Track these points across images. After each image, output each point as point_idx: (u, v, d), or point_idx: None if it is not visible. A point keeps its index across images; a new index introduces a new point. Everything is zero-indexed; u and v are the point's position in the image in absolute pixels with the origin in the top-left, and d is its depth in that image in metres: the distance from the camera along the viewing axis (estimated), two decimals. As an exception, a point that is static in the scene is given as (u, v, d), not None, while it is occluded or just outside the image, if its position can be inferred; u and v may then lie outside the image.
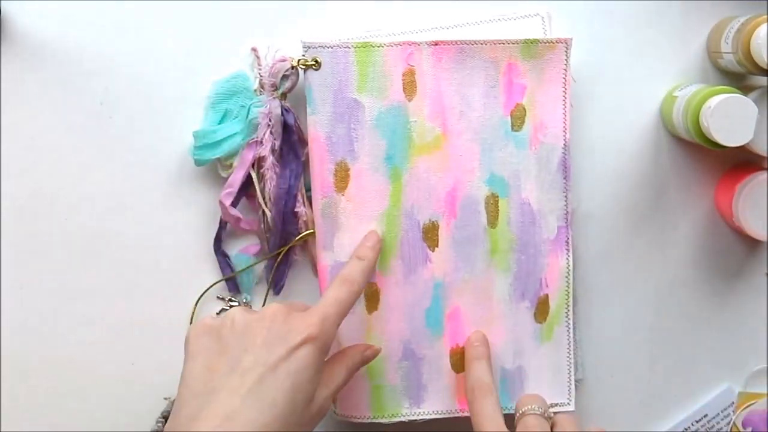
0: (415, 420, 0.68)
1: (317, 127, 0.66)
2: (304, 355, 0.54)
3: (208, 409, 0.51)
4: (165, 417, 0.63)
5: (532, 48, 0.66)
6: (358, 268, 0.62)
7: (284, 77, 0.66)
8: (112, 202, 0.69)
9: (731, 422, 0.72)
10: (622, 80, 0.70)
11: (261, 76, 0.67)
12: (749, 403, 0.72)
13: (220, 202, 0.67)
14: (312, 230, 0.68)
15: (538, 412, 0.60)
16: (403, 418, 0.68)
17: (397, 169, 0.66)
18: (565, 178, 0.67)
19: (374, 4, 0.68)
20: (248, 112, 0.66)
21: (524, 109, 0.67)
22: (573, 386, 0.68)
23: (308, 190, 0.68)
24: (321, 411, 0.57)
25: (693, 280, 0.72)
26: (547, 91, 0.67)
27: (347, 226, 0.66)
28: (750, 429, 0.72)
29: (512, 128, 0.67)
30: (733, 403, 0.72)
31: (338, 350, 0.63)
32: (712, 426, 0.72)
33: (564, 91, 0.67)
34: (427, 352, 0.68)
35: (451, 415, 0.68)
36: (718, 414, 0.72)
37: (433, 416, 0.68)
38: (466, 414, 0.67)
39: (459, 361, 0.68)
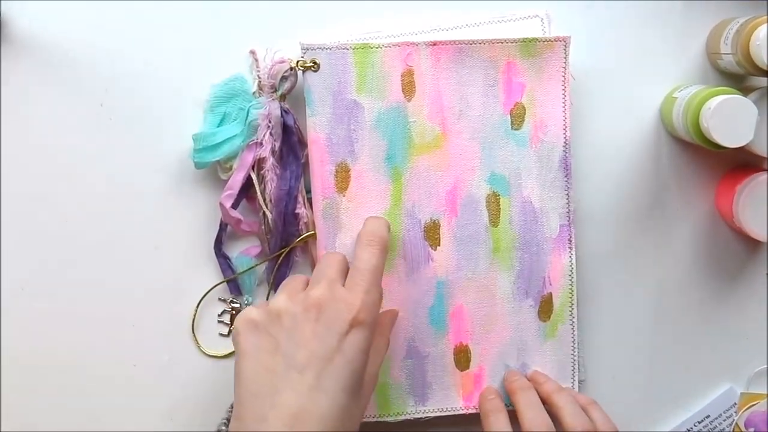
0: (420, 418, 0.68)
1: (317, 128, 0.66)
2: (356, 340, 0.55)
3: (275, 410, 0.52)
4: (226, 423, 0.62)
5: (530, 47, 0.66)
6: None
7: (283, 78, 0.66)
8: (113, 204, 0.69)
9: (733, 423, 0.72)
10: (621, 82, 0.70)
11: (260, 77, 0.67)
12: (751, 404, 0.72)
13: (221, 204, 0.67)
14: (312, 231, 0.68)
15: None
16: (408, 416, 0.68)
17: (397, 168, 0.66)
18: (566, 176, 0.67)
19: (373, 6, 0.68)
20: (247, 115, 0.66)
21: (524, 107, 0.67)
22: (577, 384, 0.68)
23: (308, 191, 0.68)
24: (373, 385, 0.58)
25: (694, 280, 0.72)
26: (547, 89, 0.67)
27: (349, 226, 0.66)
28: (752, 430, 0.72)
29: (512, 127, 0.67)
30: (735, 403, 0.72)
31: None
32: (715, 427, 0.72)
33: (563, 90, 0.67)
34: (431, 350, 0.68)
35: (456, 413, 0.68)
36: (721, 415, 0.72)
37: (438, 414, 0.68)
38: (470, 411, 0.68)
39: (463, 358, 0.68)
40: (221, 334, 0.70)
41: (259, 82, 0.67)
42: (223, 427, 0.61)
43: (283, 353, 0.54)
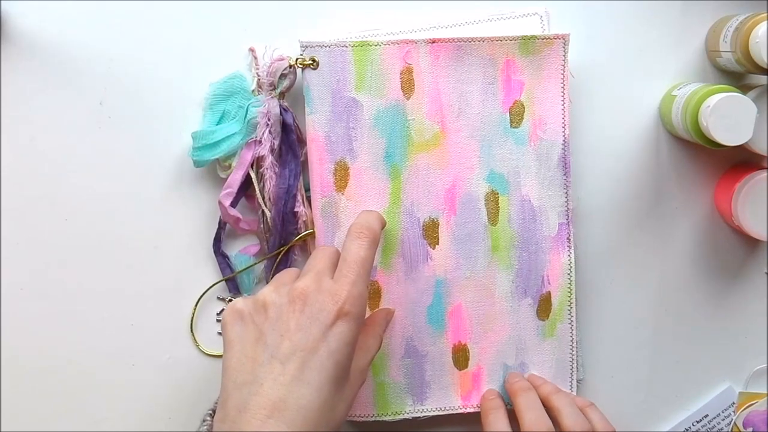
0: (419, 417, 0.68)
1: (316, 126, 0.66)
2: (341, 331, 0.54)
3: (255, 399, 0.52)
4: (211, 414, 0.63)
5: (529, 44, 0.66)
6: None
7: (282, 76, 0.66)
8: (112, 203, 0.68)
9: (732, 422, 0.72)
10: (621, 79, 0.70)
11: (259, 75, 0.67)
12: (750, 403, 0.72)
13: (220, 203, 0.67)
14: (311, 230, 0.68)
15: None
16: (407, 416, 0.68)
17: (396, 167, 0.66)
18: (565, 175, 0.67)
19: (372, 4, 0.68)
20: (246, 113, 0.66)
21: (523, 105, 0.67)
22: (575, 384, 0.68)
23: (307, 190, 0.68)
24: (360, 380, 0.58)
25: (693, 279, 0.72)
26: (546, 87, 0.67)
27: (348, 224, 0.65)
28: (751, 429, 0.72)
29: (511, 125, 0.67)
30: (733, 403, 0.72)
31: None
32: (713, 426, 0.72)
33: (562, 87, 0.67)
34: (430, 349, 0.68)
35: (454, 412, 0.68)
36: (719, 414, 0.72)
37: (437, 413, 0.68)
38: (468, 410, 0.68)
39: (461, 357, 0.68)
40: (220, 333, 0.70)
41: (258, 79, 0.67)
42: (209, 418, 0.62)
43: (266, 343, 0.54)
